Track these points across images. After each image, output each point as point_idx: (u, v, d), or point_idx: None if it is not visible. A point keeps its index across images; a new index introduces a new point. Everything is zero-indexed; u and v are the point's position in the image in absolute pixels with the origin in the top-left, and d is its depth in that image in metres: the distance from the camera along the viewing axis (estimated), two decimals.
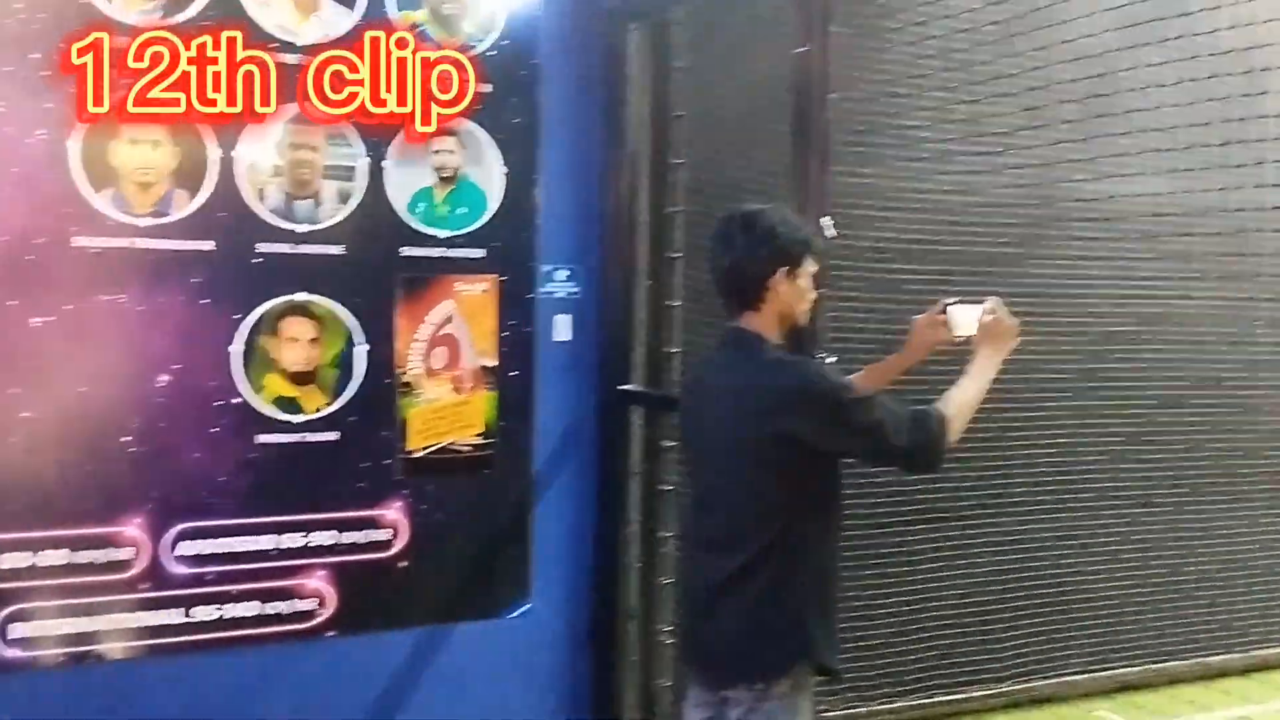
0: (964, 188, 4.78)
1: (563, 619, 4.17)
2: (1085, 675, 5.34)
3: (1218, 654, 5.61)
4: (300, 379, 3.74)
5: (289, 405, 3.72)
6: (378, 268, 3.83)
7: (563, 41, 4.10)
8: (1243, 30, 4.26)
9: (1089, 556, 5.33)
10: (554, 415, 4.13)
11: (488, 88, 3.93)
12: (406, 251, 3.88)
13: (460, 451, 3.97)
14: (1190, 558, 5.56)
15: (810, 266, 2.68)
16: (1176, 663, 5.52)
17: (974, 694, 5.08)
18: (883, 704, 4.84)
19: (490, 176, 4.00)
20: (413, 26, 3.77)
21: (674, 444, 4.06)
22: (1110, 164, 4.56)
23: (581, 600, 4.20)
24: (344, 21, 3.73)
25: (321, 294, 3.75)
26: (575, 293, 4.16)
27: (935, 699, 4.98)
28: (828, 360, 3.07)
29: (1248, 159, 4.79)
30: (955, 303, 2.88)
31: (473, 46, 3.92)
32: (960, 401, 2.60)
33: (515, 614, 4.10)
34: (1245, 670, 5.62)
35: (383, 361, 3.83)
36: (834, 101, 3.26)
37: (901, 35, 4.60)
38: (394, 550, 3.87)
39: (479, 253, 3.99)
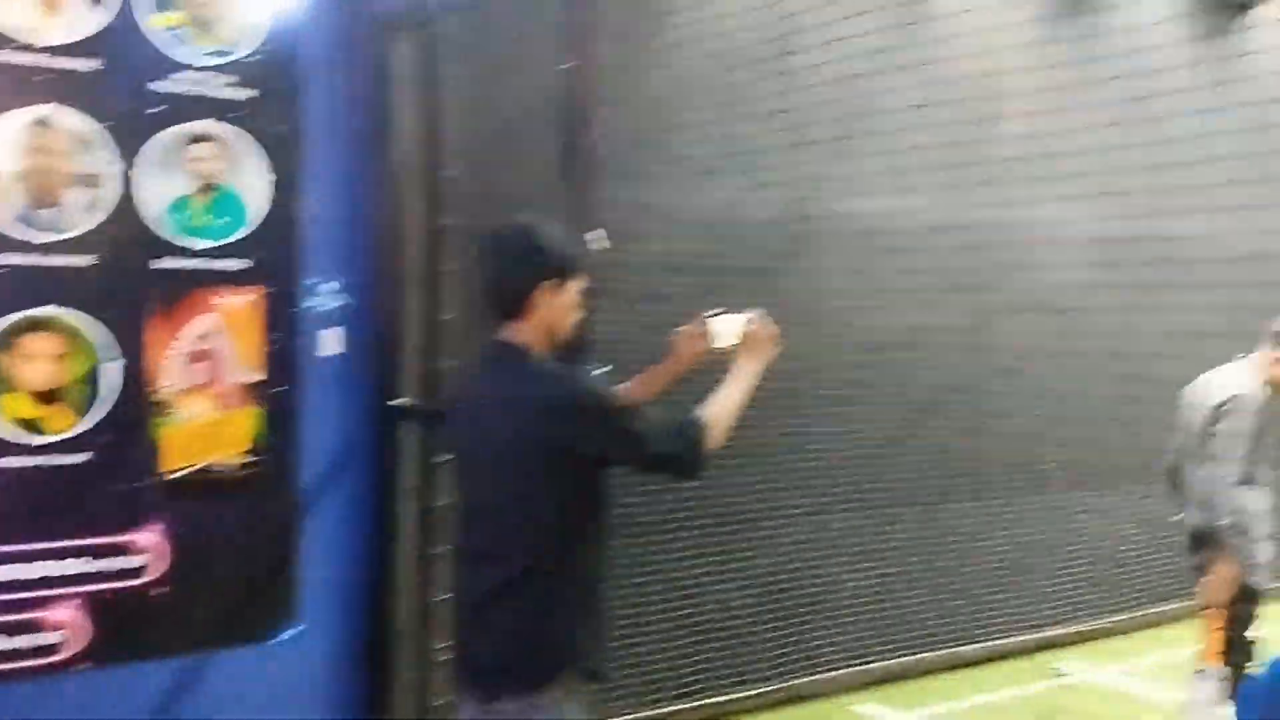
0: (727, 204, 4.95)
1: (334, 641, 4.07)
2: (845, 670, 5.59)
3: (965, 644, 5.98)
4: (46, 398, 3.52)
5: (32, 426, 3.49)
6: (131, 279, 3.65)
7: (330, 49, 4.02)
8: (981, 58, 4.58)
9: (847, 556, 5.59)
10: (323, 432, 4.03)
11: (251, 93, 3.81)
12: (162, 263, 3.71)
13: (222, 471, 3.82)
14: (942, 554, 5.91)
15: (577, 283, 2.71)
16: (929, 654, 5.86)
17: (740, 695, 5.25)
18: (653, 709, 4.93)
19: (253, 185, 3.87)
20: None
21: (449, 458, 4.03)
22: (861, 183, 4.82)
23: (354, 621, 4.11)
24: (92, 22, 3.55)
25: (68, 307, 3.54)
26: (345, 305, 4.08)
27: (704, 701, 5.12)
28: (599, 372, 3.12)
29: (986, 178, 5.16)
30: (718, 315, 2.98)
31: (232, 51, 3.80)
32: (721, 410, 2.70)
33: (283, 638, 3.97)
34: (989, 659, 6.01)
35: (137, 378, 3.65)
36: (602, 118, 3.33)
37: (669, 55, 4.73)
38: (151, 576, 3.69)
39: (241, 264, 3.86)
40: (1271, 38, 6.19)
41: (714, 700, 5.16)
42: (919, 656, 5.81)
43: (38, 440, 3.49)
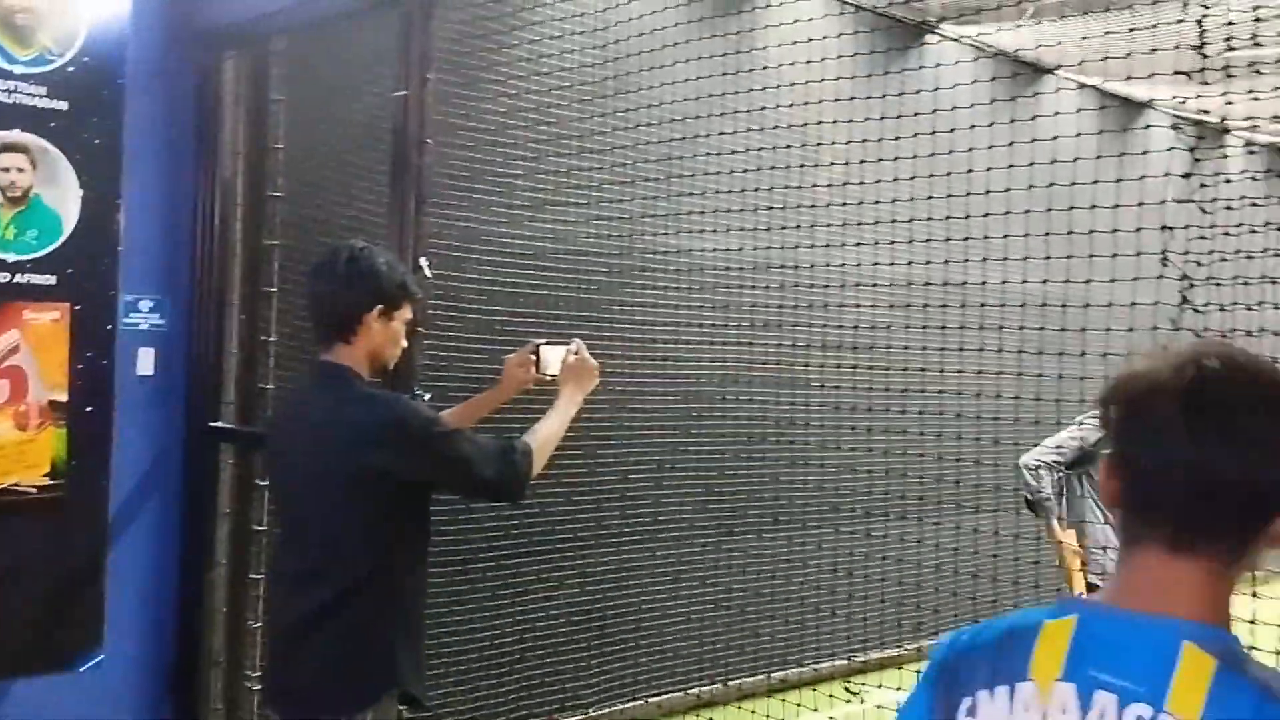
0: (556, 236, 5.04)
1: (141, 669, 3.94)
2: (667, 696, 5.69)
3: (781, 670, 6.17)
4: None
5: None
6: None
7: (153, 64, 3.94)
8: (801, 108, 4.80)
9: (669, 583, 5.71)
10: (135, 453, 3.91)
11: (66, 104, 3.70)
12: None
13: (25, 493, 3.67)
14: (759, 582, 6.08)
15: (406, 313, 2.72)
16: (747, 679, 6.01)
17: None
18: None
19: (66, 198, 3.75)
20: None
21: (266, 483, 3.97)
22: (686, 221, 4.98)
23: (163, 648, 3.99)
24: None
25: None
26: (161, 325, 3.98)
27: None
28: (425, 397, 3.14)
29: (802, 221, 5.39)
30: (544, 344, 3.05)
31: (49, 60, 3.68)
32: (544, 436, 2.76)
33: (87, 665, 3.82)
34: (801, 684, 6.21)
35: None
36: (433, 146, 3.37)
37: (502, 88, 4.80)
38: None
39: (50, 279, 3.73)
40: (1066, 106, 6.68)
41: None
42: (737, 682, 5.97)
43: None
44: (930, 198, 4.43)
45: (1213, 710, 1.10)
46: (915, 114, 4.48)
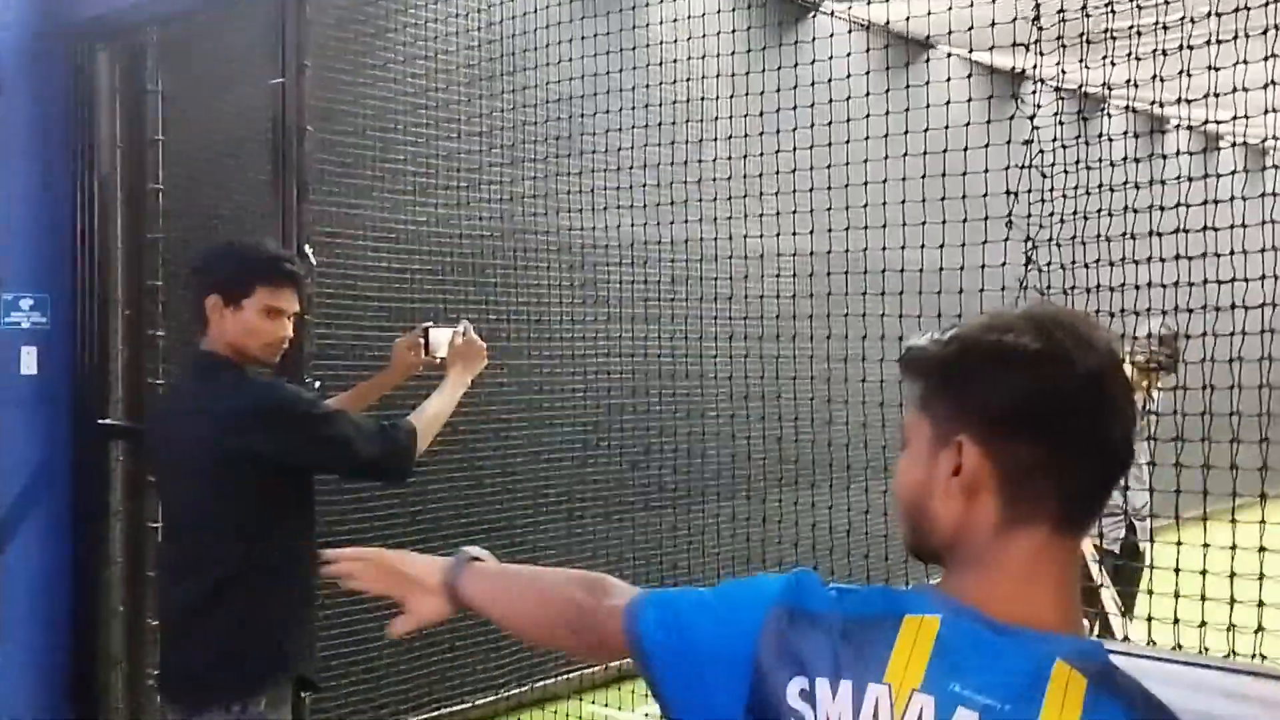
0: (443, 220, 5.05)
1: (38, 671, 3.89)
2: (574, 674, 5.72)
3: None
4: None
5: None
6: None
7: (25, 56, 3.87)
8: (690, 84, 4.86)
9: (565, 562, 5.73)
10: (21, 454, 3.86)
11: None
12: None
13: None
14: (655, 555, 6.12)
15: (260, 301, 2.63)
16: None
17: (471, 704, 5.29)
18: None
19: None
20: None
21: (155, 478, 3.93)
22: (572, 201, 5.02)
23: (59, 650, 3.93)
24: None
25: None
26: (43, 323, 3.92)
27: (434, 713, 5.12)
28: (315, 385, 3.15)
29: (690, 199, 5.46)
30: (432, 326, 3.08)
31: None
32: (429, 416, 2.79)
33: None
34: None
35: None
36: (314, 134, 3.36)
37: (384, 73, 4.79)
38: None
39: None
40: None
41: (444, 711, 5.19)
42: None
43: None
44: (813, 169, 4.52)
45: None
46: (803, 85, 4.56)
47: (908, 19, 5.96)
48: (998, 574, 1.12)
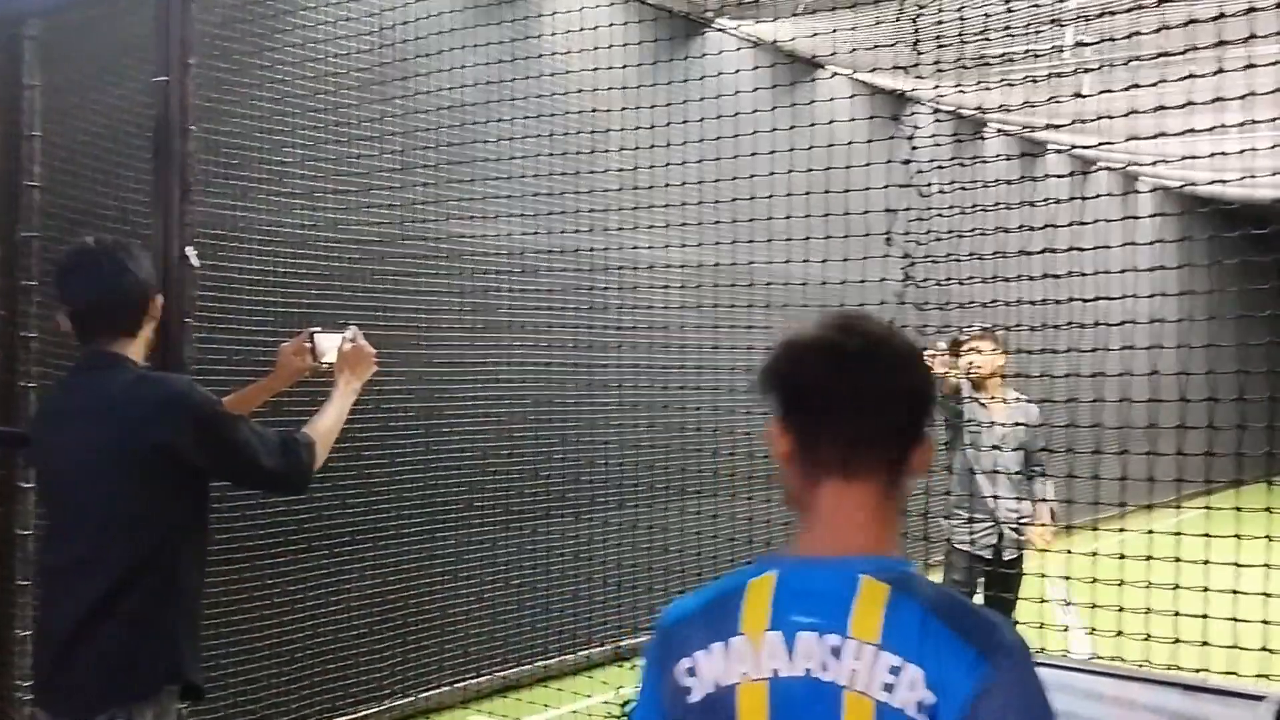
0: (331, 223, 5.00)
1: None
2: (450, 687, 5.70)
3: (584, 649, 6.25)
4: None
5: None
6: None
7: None
8: (587, 95, 4.89)
9: (455, 572, 5.72)
10: None
11: None
12: None
13: None
14: (546, 566, 6.14)
15: (158, 299, 2.72)
16: (530, 665, 6.05)
17: (356, 714, 5.25)
18: None
19: None
20: None
21: (33, 484, 3.80)
22: (461, 207, 5.02)
23: None
24: None
25: None
26: None
27: None
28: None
29: (585, 207, 5.51)
30: (319, 331, 3.04)
31: None
32: (325, 428, 2.76)
33: None
34: (615, 661, 6.27)
35: None
36: (198, 133, 3.31)
37: (273, 74, 4.73)
38: None
39: None
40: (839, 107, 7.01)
41: None
42: (521, 668, 6.01)
43: None
44: (701, 182, 4.60)
45: (888, 629, 1.30)
46: (695, 100, 4.63)
47: (794, 39, 6.08)
48: (812, 520, 1.40)
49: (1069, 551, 3.39)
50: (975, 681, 1.25)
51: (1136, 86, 3.02)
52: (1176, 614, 3.10)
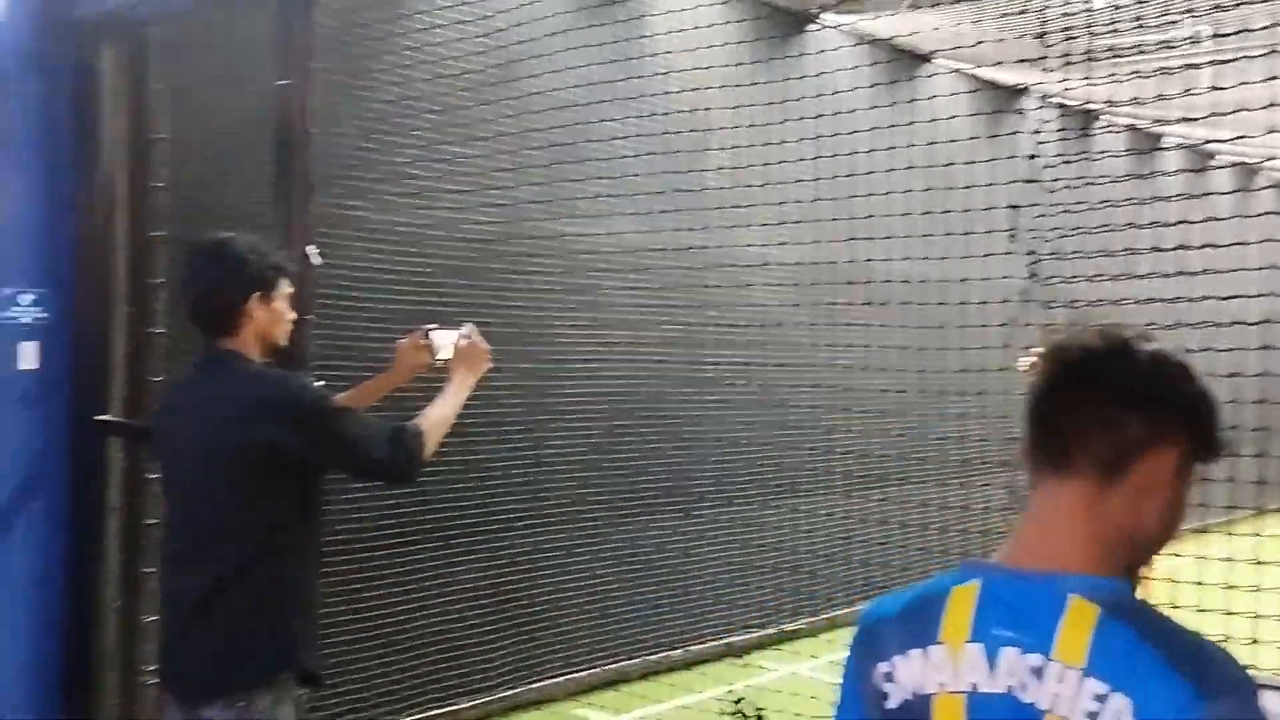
0: (445, 222, 5.06)
1: (32, 668, 3.87)
2: (562, 679, 5.75)
3: (693, 644, 6.25)
4: None
5: None
6: None
7: (29, 53, 3.87)
8: (695, 93, 4.88)
9: (565, 565, 5.76)
10: (16, 449, 3.84)
11: None
12: None
13: None
14: (652, 565, 6.15)
15: (285, 289, 2.75)
16: (640, 659, 6.07)
17: (466, 704, 5.32)
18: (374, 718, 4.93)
19: None
20: None
21: (156, 475, 3.92)
22: (571, 206, 5.04)
23: (54, 646, 3.92)
24: None
25: None
26: (43, 318, 3.91)
27: (429, 713, 5.16)
28: (314, 381, 3.15)
29: (693, 205, 5.49)
30: (436, 328, 3.08)
31: None
32: (436, 419, 2.79)
33: None
34: (691, 664, 6.26)
35: None
36: (319, 135, 3.37)
37: (389, 76, 4.80)
38: None
39: None
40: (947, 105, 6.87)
41: (438, 711, 5.20)
42: (630, 662, 6.04)
43: None
44: (810, 180, 4.55)
45: (1095, 654, 1.22)
46: (802, 97, 4.58)
47: (912, 34, 5.96)
48: (1024, 522, 1.35)
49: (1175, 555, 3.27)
50: None
51: (1275, 79, 2.90)
52: None
